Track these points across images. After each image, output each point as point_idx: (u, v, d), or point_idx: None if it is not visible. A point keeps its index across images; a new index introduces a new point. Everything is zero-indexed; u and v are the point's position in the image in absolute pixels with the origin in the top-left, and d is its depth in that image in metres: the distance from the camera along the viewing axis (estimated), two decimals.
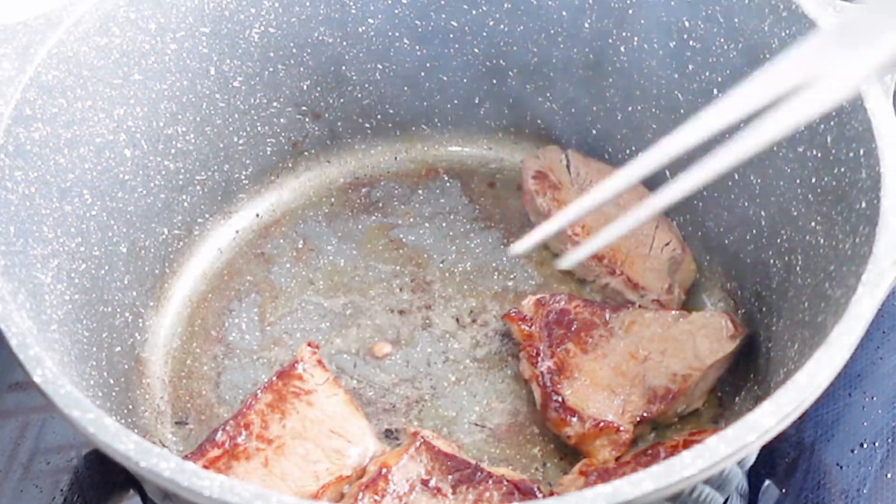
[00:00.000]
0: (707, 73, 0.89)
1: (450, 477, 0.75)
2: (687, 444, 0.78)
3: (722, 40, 0.87)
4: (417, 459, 0.76)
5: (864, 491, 0.81)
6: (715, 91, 0.89)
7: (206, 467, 0.72)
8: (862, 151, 0.73)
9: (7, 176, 0.73)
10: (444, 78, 1.02)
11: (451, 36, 0.99)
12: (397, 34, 0.99)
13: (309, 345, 0.82)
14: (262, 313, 0.93)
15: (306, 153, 1.03)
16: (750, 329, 0.88)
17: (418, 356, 0.90)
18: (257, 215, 1.01)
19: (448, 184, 1.04)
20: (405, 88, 1.03)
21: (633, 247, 0.93)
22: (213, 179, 0.97)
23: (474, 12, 0.98)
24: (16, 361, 0.62)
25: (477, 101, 1.03)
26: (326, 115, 1.02)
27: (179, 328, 0.93)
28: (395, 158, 1.06)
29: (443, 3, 0.97)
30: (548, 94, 1.01)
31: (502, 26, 0.98)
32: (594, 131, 1.00)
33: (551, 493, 0.80)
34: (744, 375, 0.86)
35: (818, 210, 0.79)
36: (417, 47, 1.00)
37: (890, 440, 0.84)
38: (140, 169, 0.89)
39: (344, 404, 0.80)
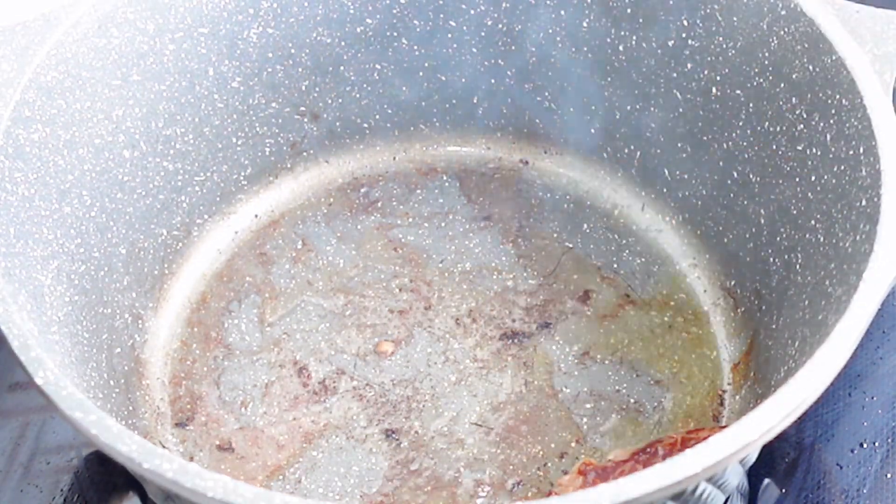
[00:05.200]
0: (706, 72, 0.89)
1: None
2: (685, 442, 0.78)
3: (721, 39, 0.87)
4: None
5: (864, 491, 0.81)
6: (714, 90, 0.89)
7: None
8: (862, 149, 0.73)
9: (7, 177, 0.73)
10: (443, 78, 1.02)
11: (450, 36, 0.99)
12: (395, 34, 0.99)
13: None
14: (261, 314, 0.93)
15: (305, 154, 1.03)
16: (750, 328, 0.88)
17: (418, 356, 0.90)
18: (256, 216, 1.01)
19: (447, 184, 1.04)
20: (404, 88, 1.03)
21: None
22: (212, 180, 0.97)
23: (473, 12, 0.98)
24: (17, 363, 0.62)
25: (476, 101, 1.03)
26: (325, 115, 1.02)
27: (179, 329, 0.93)
28: (394, 158, 1.06)
29: (441, 2, 0.98)
30: (547, 94, 1.01)
31: (501, 26, 0.98)
32: (593, 130, 1.00)
33: (549, 494, 0.80)
34: (744, 374, 0.87)
35: (818, 208, 0.79)
36: (416, 47, 1.00)
37: (890, 440, 0.84)
38: (139, 170, 0.89)
39: None
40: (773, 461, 0.84)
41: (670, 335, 0.91)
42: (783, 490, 0.83)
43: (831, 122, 0.77)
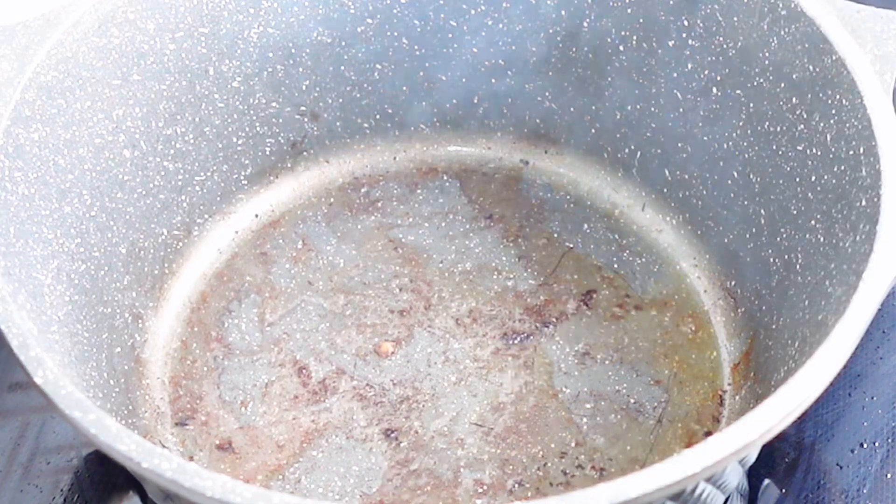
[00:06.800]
0: (706, 72, 0.89)
1: None
2: None
3: (721, 39, 0.87)
4: None
5: (864, 491, 0.81)
6: (714, 90, 0.89)
7: None
8: (862, 149, 0.73)
9: (7, 177, 0.73)
10: (443, 78, 1.02)
11: (450, 36, 0.99)
12: (396, 34, 0.99)
13: None
14: (261, 314, 0.93)
15: (305, 153, 1.03)
16: (750, 328, 0.88)
17: (418, 356, 0.90)
18: (256, 216, 1.01)
19: (447, 184, 1.04)
20: (404, 88, 1.03)
21: None
22: (212, 180, 0.97)
23: (473, 12, 0.98)
24: (16, 362, 0.62)
25: (476, 101, 1.03)
26: (325, 115, 1.02)
27: (179, 329, 0.93)
28: (395, 158, 1.05)
29: (441, 2, 0.98)
30: (547, 94, 1.01)
31: (501, 25, 0.98)
32: (593, 130, 1.00)
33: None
34: (744, 374, 0.87)
35: (818, 208, 0.79)
36: (416, 47, 1.00)
37: (890, 440, 0.84)
38: (139, 170, 0.89)
39: None
40: (773, 461, 0.84)
41: (670, 335, 0.91)
42: (783, 490, 0.83)
43: (831, 122, 0.77)
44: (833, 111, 0.77)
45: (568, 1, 0.95)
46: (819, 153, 0.79)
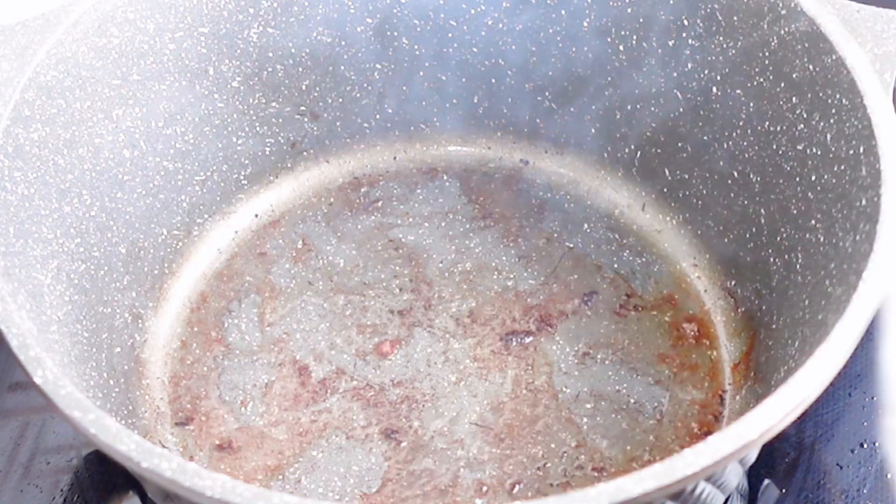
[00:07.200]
0: (706, 72, 0.89)
1: None
2: None
3: (721, 38, 0.87)
4: None
5: (864, 491, 0.81)
6: (714, 89, 0.89)
7: None
8: (862, 149, 0.73)
9: (6, 177, 0.73)
10: (443, 77, 1.02)
11: (450, 35, 0.99)
12: (396, 34, 0.99)
13: None
14: (261, 314, 0.93)
15: (305, 153, 1.03)
16: (750, 328, 0.88)
17: (418, 356, 0.90)
18: (256, 216, 1.01)
19: (447, 183, 1.04)
20: (404, 88, 1.03)
21: None
22: (212, 180, 0.97)
23: (473, 11, 0.98)
24: (16, 362, 0.62)
25: (476, 101, 1.03)
26: (325, 115, 1.02)
27: (179, 329, 0.93)
28: (394, 158, 1.05)
29: (441, 2, 0.98)
30: (546, 94, 1.01)
31: (501, 25, 0.98)
32: (593, 130, 1.00)
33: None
34: (744, 374, 0.87)
35: (818, 208, 0.78)
36: (416, 47, 1.00)
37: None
38: (139, 169, 0.89)
39: None
40: (773, 461, 0.84)
41: (670, 335, 0.91)
42: (783, 490, 0.83)
43: (831, 121, 0.77)
44: (833, 111, 0.77)
45: (568, 1, 0.95)
46: (819, 153, 0.79)
